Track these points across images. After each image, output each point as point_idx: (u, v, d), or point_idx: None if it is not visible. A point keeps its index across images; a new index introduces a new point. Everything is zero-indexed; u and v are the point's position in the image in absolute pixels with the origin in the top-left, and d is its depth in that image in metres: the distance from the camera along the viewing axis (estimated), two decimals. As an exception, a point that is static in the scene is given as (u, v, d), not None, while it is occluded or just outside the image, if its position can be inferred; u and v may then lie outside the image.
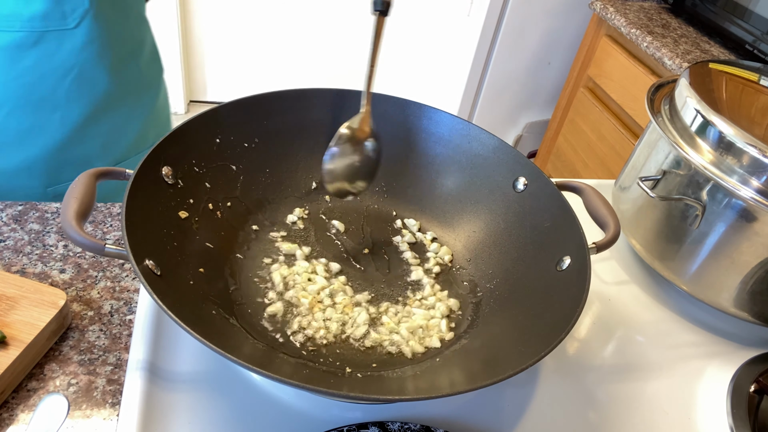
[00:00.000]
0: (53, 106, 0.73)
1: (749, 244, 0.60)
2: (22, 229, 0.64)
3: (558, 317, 0.49)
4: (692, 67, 0.70)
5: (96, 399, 0.50)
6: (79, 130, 0.76)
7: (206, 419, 0.49)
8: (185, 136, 0.58)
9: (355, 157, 0.63)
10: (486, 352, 0.54)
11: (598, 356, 0.62)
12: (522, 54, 2.10)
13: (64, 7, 0.68)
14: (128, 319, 0.57)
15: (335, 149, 0.61)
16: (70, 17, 0.69)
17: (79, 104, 0.75)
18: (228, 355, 0.39)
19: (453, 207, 0.68)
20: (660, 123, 0.66)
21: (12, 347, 0.49)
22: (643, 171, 0.70)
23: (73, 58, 0.71)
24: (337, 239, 0.66)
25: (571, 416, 0.55)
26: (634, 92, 1.66)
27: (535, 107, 2.29)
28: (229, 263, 0.59)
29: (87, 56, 0.72)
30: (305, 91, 0.66)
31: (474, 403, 0.54)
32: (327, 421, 0.50)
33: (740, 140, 0.58)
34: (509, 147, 0.65)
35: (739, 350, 0.66)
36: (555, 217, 0.59)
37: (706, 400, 0.59)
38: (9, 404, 0.49)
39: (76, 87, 0.73)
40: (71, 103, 0.74)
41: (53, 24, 0.68)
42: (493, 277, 0.62)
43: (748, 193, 0.57)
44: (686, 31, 1.65)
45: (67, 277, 0.60)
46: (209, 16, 2.44)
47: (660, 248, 0.68)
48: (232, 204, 0.62)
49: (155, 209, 0.53)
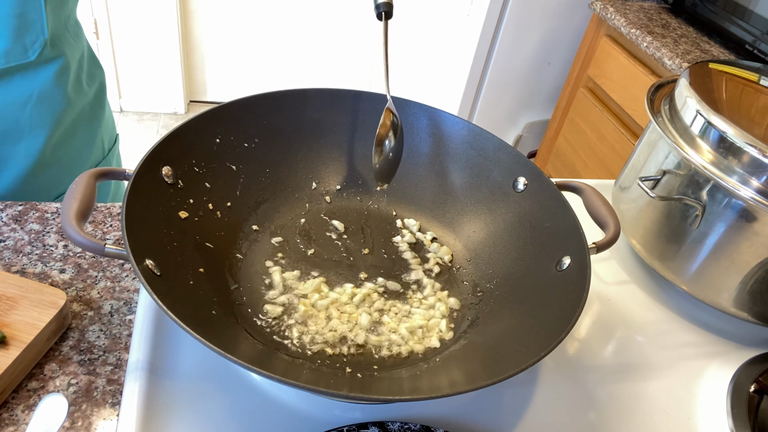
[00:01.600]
0: (17, 138, 0.71)
1: (749, 244, 0.60)
2: (22, 229, 0.64)
3: (558, 317, 0.49)
4: (692, 67, 0.70)
5: (96, 399, 0.50)
6: (44, 156, 0.74)
7: (206, 419, 0.49)
8: (185, 136, 0.58)
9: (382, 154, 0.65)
10: (486, 352, 0.54)
11: (598, 356, 0.62)
12: (522, 54, 2.10)
13: (25, 40, 0.66)
14: (128, 319, 0.57)
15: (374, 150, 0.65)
16: (31, 50, 0.67)
17: (42, 130, 0.72)
18: (228, 355, 0.39)
19: (453, 207, 0.68)
20: (660, 123, 0.66)
21: (12, 347, 0.49)
22: (643, 171, 0.70)
23: (31, 85, 0.69)
24: (337, 239, 0.66)
25: (571, 416, 0.55)
26: (634, 92, 1.66)
27: (535, 107, 2.29)
28: (229, 263, 0.59)
29: (44, 80, 0.70)
30: (305, 91, 0.66)
31: (474, 403, 0.54)
32: (327, 421, 0.50)
33: (740, 140, 0.58)
34: (509, 147, 0.65)
35: (739, 350, 0.66)
36: (555, 217, 0.59)
37: (706, 400, 0.59)
38: (9, 404, 0.49)
39: (37, 112, 0.71)
40: (34, 130, 0.72)
41: (14, 59, 0.66)
42: (493, 277, 0.62)
43: (748, 193, 0.57)
44: (686, 31, 1.65)
45: (67, 277, 0.60)
46: (209, 16, 2.44)
47: (660, 248, 0.68)
48: (232, 204, 0.62)
49: (155, 209, 0.53)
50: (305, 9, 2.48)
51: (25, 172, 0.73)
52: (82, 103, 0.78)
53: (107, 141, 0.87)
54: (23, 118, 0.70)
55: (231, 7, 2.43)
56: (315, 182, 0.69)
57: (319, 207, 0.69)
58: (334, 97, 0.68)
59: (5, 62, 0.65)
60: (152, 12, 2.28)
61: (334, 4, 2.50)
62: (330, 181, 0.70)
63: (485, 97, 2.20)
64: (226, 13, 2.44)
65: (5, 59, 0.65)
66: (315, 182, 0.69)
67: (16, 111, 0.69)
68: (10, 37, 0.64)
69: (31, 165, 0.73)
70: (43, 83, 0.70)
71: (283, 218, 0.66)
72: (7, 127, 0.70)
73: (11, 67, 0.66)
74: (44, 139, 0.73)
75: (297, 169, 0.68)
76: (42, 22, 0.66)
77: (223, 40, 2.50)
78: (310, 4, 2.48)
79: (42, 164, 0.74)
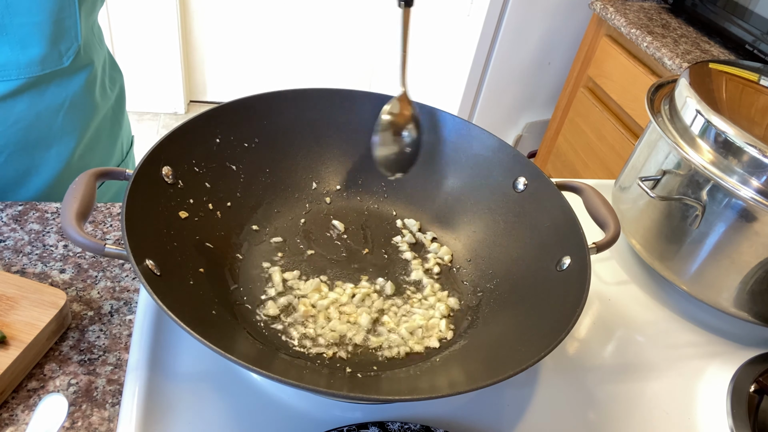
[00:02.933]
0: (48, 144, 0.71)
1: (749, 244, 0.60)
2: (22, 229, 0.64)
3: (558, 317, 0.49)
4: (692, 67, 0.70)
5: (96, 399, 0.50)
6: (73, 161, 0.74)
7: (206, 419, 0.49)
8: (185, 136, 0.58)
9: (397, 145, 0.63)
10: (486, 352, 0.54)
11: (598, 356, 0.62)
12: (522, 54, 2.10)
13: (60, 47, 0.66)
14: (128, 319, 0.57)
15: (377, 138, 0.61)
16: (65, 56, 0.67)
17: (72, 136, 0.73)
18: (228, 355, 0.39)
19: (453, 207, 0.68)
20: (660, 123, 0.66)
21: (12, 347, 0.49)
22: (643, 171, 0.70)
23: (64, 92, 0.70)
24: (337, 239, 0.66)
25: (571, 416, 0.55)
26: (634, 92, 1.66)
27: (535, 107, 2.28)
28: (229, 263, 0.59)
29: (76, 87, 0.71)
30: (305, 91, 0.66)
31: (474, 403, 0.54)
32: (327, 421, 0.50)
33: (740, 140, 0.58)
34: (509, 147, 0.65)
35: (739, 350, 0.66)
36: (555, 217, 0.59)
37: (706, 400, 0.59)
38: (9, 404, 0.49)
39: (69, 120, 0.71)
40: (65, 136, 0.72)
41: (50, 66, 0.66)
42: (493, 277, 0.62)
43: (748, 193, 0.57)
44: (686, 31, 1.65)
45: (67, 277, 0.60)
46: (209, 16, 2.44)
47: (660, 248, 0.68)
48: (232, 204, 0.62)
49: (155, 209, 0.53)
50: (305, 9, 2.48)
51: (54, 178, 0.74)
52: (106, 108, 0.79)
53: (126, 143, 0.88)
54: (56, 124, 0.70)
55: (231, 7, 2.42)
56: (315, 182, 0.69)
57: (319, 207, 0.69)
58: (334, 97, 0.67)
59: (41, 69, 0.66)
60: (152, 12, 2.28)
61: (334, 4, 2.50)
62: (330, 181, 0.70)
63: (485, 97, 2.20)
64: (226, 13, 2.43)
65: (41, 66, 0.65)
66: (315, 182, 0.69)
67: (50, 118, 0.70)
68: (47, 43, 0.65)
69: (60, 170, 0.74)
70: (76, 90, 0.71)
71: (283, 218, 0.66)
72: (41, 133, 0.70)
73: (47, 74, 0.67)
74: (74, 144, 0.74)
75: (297, 169, 0.68)
76: (76, 28, 0.67)
77: (223, 40, 2.50)
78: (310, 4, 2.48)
79: (70, 169, 0.75)
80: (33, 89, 0.67)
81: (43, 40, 0.64)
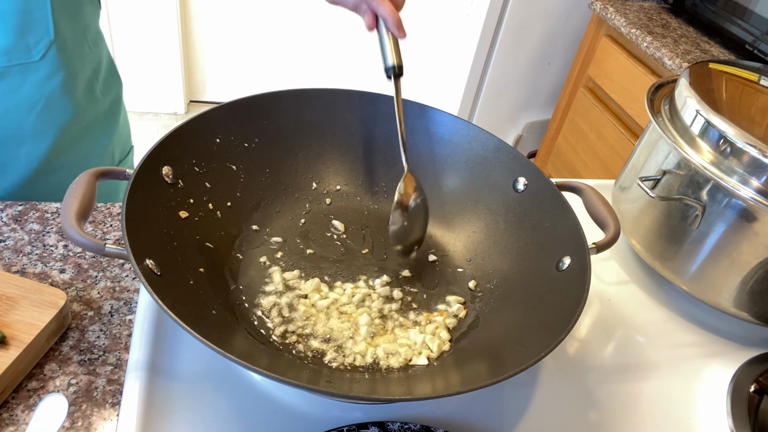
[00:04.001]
0: (19, 142, 0.70)
1: (749, 244, 0.60)
2: (22, 229, 0.64)
3: (558, 317, 0.49)
4: (692, 67, 0.70)
5: (96, 399, 0.50)
6: (46, 163, 0.73)
7: (206, 419, 0.49)
8: (185, 136, 0.58)
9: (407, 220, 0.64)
10: (486, 352, 0.54)
11: (598, 356, 0.62)
12: (522, 54, 2.10)
13: (28, 39, 0.65)
14: (128, 319, 0.57)
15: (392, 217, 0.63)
16: (35, 49, 0.66)
17: (46, 137, 0.71)
18: (228, 355, 0.39)
19: (453, 207, 0.68)
20: (660, 123, 0.66)
21: (12, 347, 0.49)
22: (643, 171, 0.70)
23: (39, 91, 0.68)
24: (337, 239, 0.66)
25: (571, 416, 0.55)
26: (634, 92, 1.66)
27: (535, 107, 2.28)
28: (229, 263, 0.59)
29: (53, 87, 0.69)
30: (305, 91, 0.66)
31: (474, 403, 0.54)
32: (327, 421, 0.50)
33: (740, 140, 0.58)
34: (509, 147, 0.65)
35: (739, 350, 0.66)
36: (555, 217, 0.59)
37: (706, 400, 0.59)
38: (9, 404, 0.49)
39: (43, 120, 0.70)
40: (38, 136, 0.71)
41: (17, 58, 0.65)
42: (493, 277, 0.62)
43: (748, 193, 0.57)
44: (686, 31, 1.65)
45: (67, 277, 0.60)
46: (209, 16, 2.44)
47: (660, 248, 0.68)
48: (232, 204, 0.62)
49: (155, 209, 0.53)
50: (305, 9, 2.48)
51: (27, 177, 0.73)
52: (95, 112, 0.77)
53: (119, 152, 0.86)
54: (27, 123, 0.69)
55: (231, 7, 2.42)
56: (315, 182, 0.69)
57: (320, 207, 0.69)
58: (334, 97, 0.67)
59: (7, 60, 0.65)
60: (152, 12, 2.28)
61: (334, 4, 2.50)
62: (330, 181, 0.70)
63: (485, 97, 2.20)
64: (226, 13, 2.43)
65: (7, 57, 0.65)
66: (315, 182, 0.69)
67: (21, 116, 0.69)
68: (12, 34, 0.64)
69: (33, 170, 0.73)
70: (52, 90, 0.69)
71: (283, 218, 0.66)
72: (9, 130, 0.69)
73: (16, 67, 0.66)
74: (48, 145, 0.72)
75: (297, 169, 0.68)
76: (47, 22, 0.65)
77: (223, 40, 2.50)
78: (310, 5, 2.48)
79: (44, 170, 0.73)
80: (1, 83, 0.66)
81: (7, 29, 0.63)
